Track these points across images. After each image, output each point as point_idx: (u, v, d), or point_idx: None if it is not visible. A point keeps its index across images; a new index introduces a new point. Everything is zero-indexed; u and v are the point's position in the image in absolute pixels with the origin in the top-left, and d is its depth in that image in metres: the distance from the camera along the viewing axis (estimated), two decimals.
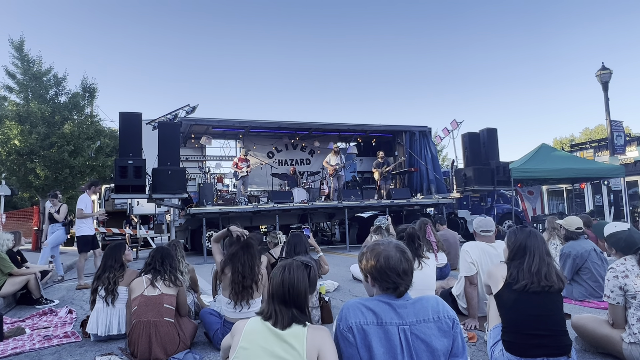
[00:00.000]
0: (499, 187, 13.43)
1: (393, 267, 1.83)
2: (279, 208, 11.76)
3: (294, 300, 1.92)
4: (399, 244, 1.93)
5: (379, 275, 1.86)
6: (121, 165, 9.38)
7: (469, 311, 3.97)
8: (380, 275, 1.85)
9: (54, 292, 6.74)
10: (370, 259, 1.89)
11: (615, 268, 2.92)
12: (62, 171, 15.80)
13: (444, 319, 1.82)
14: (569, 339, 2.59)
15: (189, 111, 12.06)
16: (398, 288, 1.84)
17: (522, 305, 2.60)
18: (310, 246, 4.76)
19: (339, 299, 5.33)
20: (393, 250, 1.87)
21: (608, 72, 15.37)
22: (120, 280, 3.93)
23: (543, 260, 2.68)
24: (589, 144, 23.84)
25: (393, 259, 1.84)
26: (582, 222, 5.12)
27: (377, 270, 1.86)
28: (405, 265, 1.85)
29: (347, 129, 14.85)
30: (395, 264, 1.84)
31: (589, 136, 37.39)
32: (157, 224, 14.68)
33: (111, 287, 3.87)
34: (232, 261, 3.49)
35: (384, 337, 1.77)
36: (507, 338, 2.65)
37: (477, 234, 4.15)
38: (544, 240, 2.80)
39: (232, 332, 1.97)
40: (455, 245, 6.89)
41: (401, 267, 1.84)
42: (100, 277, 3.95)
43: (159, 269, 3.57)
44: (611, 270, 2.94)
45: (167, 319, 3.37)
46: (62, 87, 16.84)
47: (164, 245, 3.97)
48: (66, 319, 4.83)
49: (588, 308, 4.52)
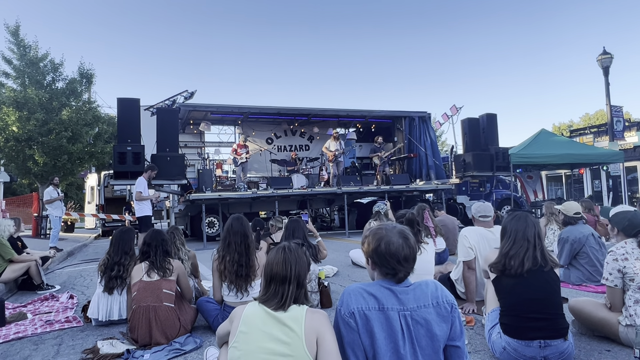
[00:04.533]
0: (498, 172, 13.44)
1: (394, 252, 1.82)
2: (278, 194, 11.77)
3: (297, 277, 1.92)
4: (403, 230, 1.89)
5: (379, 260, 1.85)
6: (120, 151, 9.36)
7: (467, 295, 4.00)
8: (380, 260, 1.85)
9: (55, 278, 6.78)
10: (371, 243, 1.88)
11: (615, 251, 2.93)
12: (61, 157, 15.76)
13: (442, 304, 1.82)
14: (566, 322, 2.61)
15: (188, 97, 11.99)
16: (397, 274, 1.83)
17: (519, 290, 2.62)
18: (308, 232, 4.76)
19: (338, 284, 5.37)
20: (396, 235, 1.85)
21: (609, 57, 15.24)
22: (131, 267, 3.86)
23: (517, 244, 2.67)
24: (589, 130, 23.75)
25: (394, 244, 1.82)
26: (580, 207, 5.14)
27: (377, 255, 1.85)
28: (406, 251, 1.83)
29: (347, 114, 14.78)
30: (396, 249, 1.82)
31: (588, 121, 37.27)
32: (157, 210, 14.70)
33: (125, 275, 3.83)
34: (228, 250, 3.49)
35: (386, 323, 1.77)
36: (504, 321, 2.67)
37: (476, 219, 4.16)
38: (530, 223, 2.72)
39: (231, 317, 1.98)
40: (454, 231, 6.92)
41: (402, 254, 1.81)
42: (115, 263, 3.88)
43: (152, 259, 3.56)
44: (611, 253, 2.95)
45: (166, 303, 3.39)
46: (59, 73, 16.69)
47: (160, 229, 3.93)
48: (67, 304, 4.86)
49: (585, 292, 4.56)
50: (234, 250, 3.47)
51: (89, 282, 6.29)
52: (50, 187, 10.23)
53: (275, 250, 2.01)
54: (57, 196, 10.16)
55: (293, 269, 1.92)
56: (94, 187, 17.22)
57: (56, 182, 10.52)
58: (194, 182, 11.95)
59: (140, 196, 7.93)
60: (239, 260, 3.45)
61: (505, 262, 2.67)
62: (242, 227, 3.57)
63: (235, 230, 3.55)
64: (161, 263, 3.54)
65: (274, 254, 1.98)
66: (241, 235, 3.52)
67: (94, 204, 16.90)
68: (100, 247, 11.86)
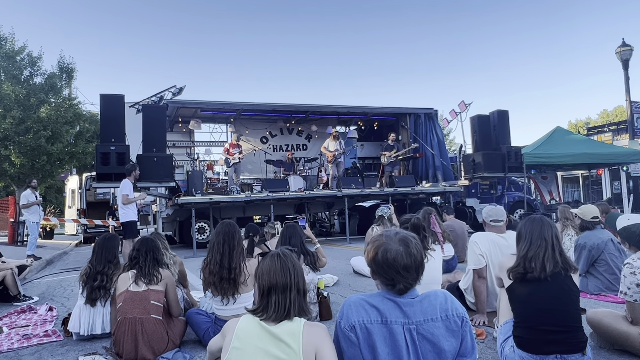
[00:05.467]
0: (510, 173, 13.46)
1: (391, 262, 1.80)
2: (274, 197, 11.76)
3: (297, 284, 1.92)
4: (404, 237, 1.88)
5: (377, 270, 1.85)
6: (103, 151, 9.35)
7: (477, 306, 4.00)
8: (378, 269, 1.84)
9: (33, 289, 6.76)
10: (370, 251, 1.88)
11: (632, 263, 2.94)
12: (39, 158, 15.75)
13: (452, 317, 1.82)
14: (584, 335, 2.61)
15: (176, 93, 11.98)
16: (396, 285, 1.81)
17: (535, 299, 2.62)
18: (306, 238, 4.76)
19: (338, 294, 5.37)
20: (395, 243, 1.83)
21: (629, 49, 15.31)
22: (116, 277, 3.82)
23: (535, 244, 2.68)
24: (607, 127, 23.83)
25: (392, 252, 1.81)
26: (598, 210, 5.13)
27: (376, 264, 1.85)
28: (407, 260, 1.80)
29: (347, 111, 14.79)
30: (394, 258, 1.80)
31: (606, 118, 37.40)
32: (143, 215, 14.67)
33: (108, 285, 3.81)
34: (212, 251, 3.50)
35: (389, 337, 1.76)
36: (518, 334, 2.67)
37: (487, 223, 4.16)
38: (546, 224, 2.75)
39: (223, 331, 1.98)
40: (462, 236, 6.93)
41: (401, 263, 1.79)
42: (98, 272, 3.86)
43: (141, 264, 3.56)
44: (628, 265, 2.95)
45: (154, 316, 3.38)
46: (37, 67, 16.72)
47: (149, 236, 3.92)
48: (46, 316, 4.85)
49: (604, 302, 4.55)
50: (216, 251, 3.47)
51: (70, 293, 6.27)
52: (28, 190, 10.20)
53: (269, 257, 2.00)
54: (35, 200, 10.13)
55: (293, 276, 1.92)
56: (75, 190, 17.19)
57: (34, 184, 10.50)
58: (183, 185, 11.94)
59: (128, 199, 7.93)
60: (221, 261, 3.43)
61: (526, 265, 2.65)
62: (227, 228, 3.57)
63: (217, 231, 3.57)
64: (149, 270, 3.53)
65: (269, 262, 1.98)
66: (224, 234, 3.52)
67: (74, 209, 16.87)
68: (81, 255, 11.82)
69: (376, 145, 16.14)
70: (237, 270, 3.44)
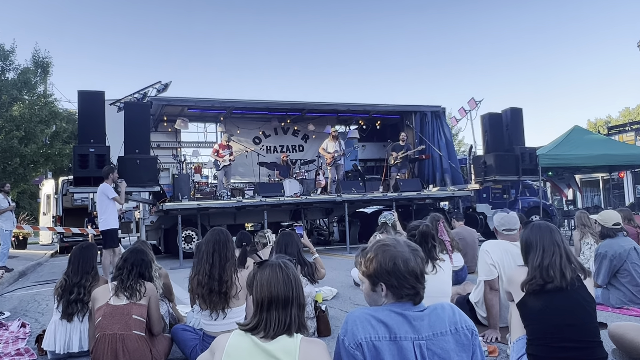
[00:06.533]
0: (524, 176, 13.48)
1: (412, 270, 1.84)
2: (268, 203, 11.76)
3: (298, 298, 1.93)
4: (410, 244, 1.94)
5: (397, 282, 1.85)
6: (81, 153, 9.34)
7: (489, 321, 4.01)
8: (398, 281, 1.84)
9: (4, 303, 6.74)
10: (383, 263, 1.86)
11: None
12: (12, 161, 15.73)
13: (462, 330, 1.83)
14: (604, 351, 2.62)
15: (161, 89, 12.00)
16: (419, 294, 1.86)
17: (550, 314, 2.62)
18: (303, 247, 4.76)
19: (338, 308, 5.36)
20: (407, 251, 1.89)
21: None
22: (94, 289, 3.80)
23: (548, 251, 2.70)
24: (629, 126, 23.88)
25: (411, 261, 1.86)
26: (620, 216, 5.15)
27: (394, 276, 1.85)
28: (422, 266, 1.89)
29: (347, 109, 14.82)
30: (413, 266, 1.85)
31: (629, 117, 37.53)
32: (125, 223, 14.65)
33: (86, 299, 3.79)
34: (200, 262, 3.50)
35: (398, 355, 1.76)
36: (532, 351, 2.67)
37: (499, 231, 4.17)
38: (554, 229, 2.80)
39: (212, 348, 1.97)
40: (473, 245, 6.92)
41: (418, 269, 1.86)
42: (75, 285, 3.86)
43: (123, 276, 3.55)
44: None
45: (136, 332, 3.37)
46: (9, 61, 16.71)
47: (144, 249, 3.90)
48: (19, 333, 4.82)
49: (627, 316, 4.56)
50: (205, 261, 3.47)
51: (44, 308, 6.25)
52: (0, 196, 10.19)
53: (269, 267, 1.98)
54: (8, 206, 10.13)
55: (295, 289, 1.93)
56: (50, 196, 17.16)
57: (7, 189, 10.49)
58: (169, 190, 11.94)
59: (119, 199, 8.04)
60: (211, 272, 3.42)
61: (544, 275, 2.65)
62: (219, 236, 3.57)
63: (207, 240, 3.56)
64: (131, 283, 3.52)
65: (269, 272, 1.96)
66: (214, 243, 3.52)
67: (50, 216, 16.84)
68: (57, 266, 11.80)
69: (379, 146, 16.17)
70: (228, 283, 3.44)
